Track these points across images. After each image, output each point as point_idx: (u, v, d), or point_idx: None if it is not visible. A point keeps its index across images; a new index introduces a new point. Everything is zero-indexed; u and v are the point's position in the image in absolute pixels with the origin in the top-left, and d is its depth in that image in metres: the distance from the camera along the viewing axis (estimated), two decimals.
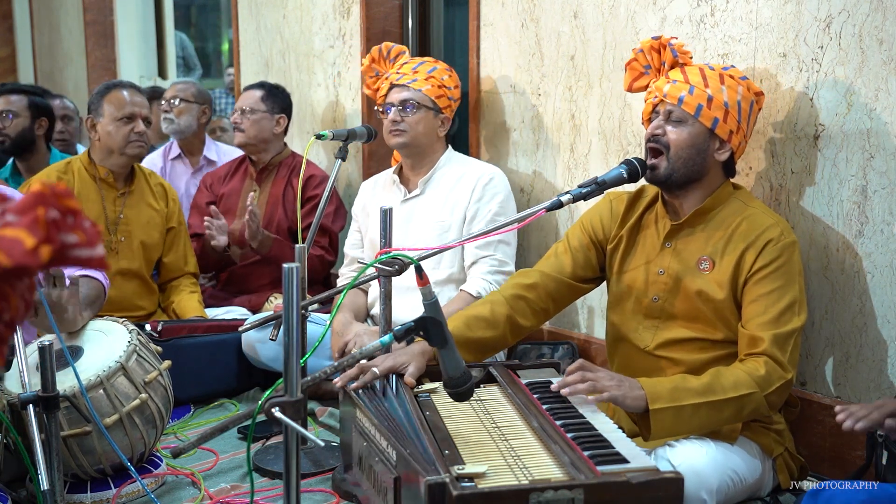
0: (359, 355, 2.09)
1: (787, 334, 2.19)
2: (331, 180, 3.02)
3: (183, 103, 4.39)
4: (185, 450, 1.80)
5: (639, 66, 2.49)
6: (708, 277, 2.30)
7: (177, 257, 3.55)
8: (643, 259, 2.42)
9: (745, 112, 2.33)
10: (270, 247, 3.59)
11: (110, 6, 7.23)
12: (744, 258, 2.26)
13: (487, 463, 1.79)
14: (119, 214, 3.38)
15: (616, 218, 2.49)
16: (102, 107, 3.31)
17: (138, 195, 3.44)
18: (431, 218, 3.12)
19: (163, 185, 3.56)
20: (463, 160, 3.23)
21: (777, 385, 2.15)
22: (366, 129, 3.33)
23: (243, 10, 4.95)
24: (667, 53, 2.42)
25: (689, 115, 2.30)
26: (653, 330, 2.39)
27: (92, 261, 0.93)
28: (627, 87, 2.54)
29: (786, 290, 2.22)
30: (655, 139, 2.33)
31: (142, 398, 2.46)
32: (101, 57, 7.22)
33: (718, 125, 2.29)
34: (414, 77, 3.13)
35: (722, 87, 2.31)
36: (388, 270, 2.34)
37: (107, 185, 3.37)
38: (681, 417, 2.09)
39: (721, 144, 2.32)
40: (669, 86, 2.34)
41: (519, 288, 2.47)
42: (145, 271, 3.45)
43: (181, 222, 3.59)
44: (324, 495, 2.50)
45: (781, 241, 2.25)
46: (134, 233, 3.40)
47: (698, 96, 2.29)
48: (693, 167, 2.32)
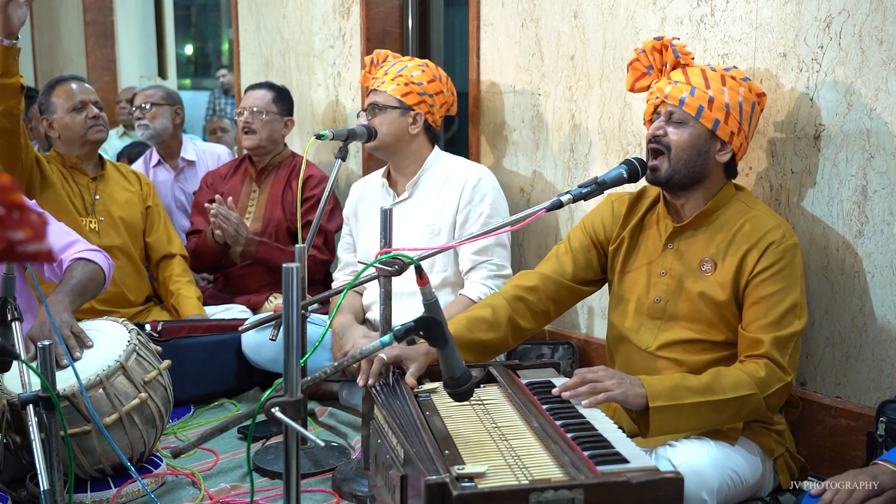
0: (358, 355, 2.09)
1: (788, 337, 2.19)
2: (331, 180, 3.02)
3: (154, 107, 4.36)
4: (185, 450, 1.80)
5: (641, 67, 2.48)
6: (710, 279, 2.30)
7: (159, 236, 3.62)
8: (645, 260, 2.42)
9: (747, 113, 2.33)
10: (257, 250, 3.60)
11: (110, 6, 7.23)
12: (746, 260, 2.26)
13: (487, 463, 1.79)
14: (94, 196, 3.48)
15: (618, 219, 2.49)
16: (52, 104, 3.46)
17: (110, 178, 3.56)
18: (421, 222, 3.10)
19: (134, 172, 3.71)
20: (450, 160, 3.19)
21: (776, 388, 2.15)
22: (366, 130, 3.33)
23: (243, 10, 4.95)
24: (668, 54, 2.41)
25: (690, 116, 2.30)
26: (654, 331, 2.39)
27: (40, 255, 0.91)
28: (629, 87, 2.53)
29: (787, 293, 2.22)
30: (657, 140, 2.33)
31: (141, 397, 2.46)
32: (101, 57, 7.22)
33: (719, 127, 2.29)
34: (383, 80, 3.13)
35: (723, 88, 2.30)
36: (387, 271, 2.34)
37: (78, 172, 3.49)
38: (680, 416, 2.09)
39: (722, 146, 2.32)
40: (671, 87, 2.33)
41: (519, 290, 2.47)
42: (132, 249, 3.52)
43: (158, 203, 3.69)
44: (324, 495, 2.50)
45: (784, 244, 2.25)
46: (112, 211, 3.49)
47: (699, 98, 2.29)
48: (694, 168, 2.31)
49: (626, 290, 2.45)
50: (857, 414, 2.46)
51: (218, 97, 9.03)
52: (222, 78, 8.94)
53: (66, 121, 3.42)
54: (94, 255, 2.79)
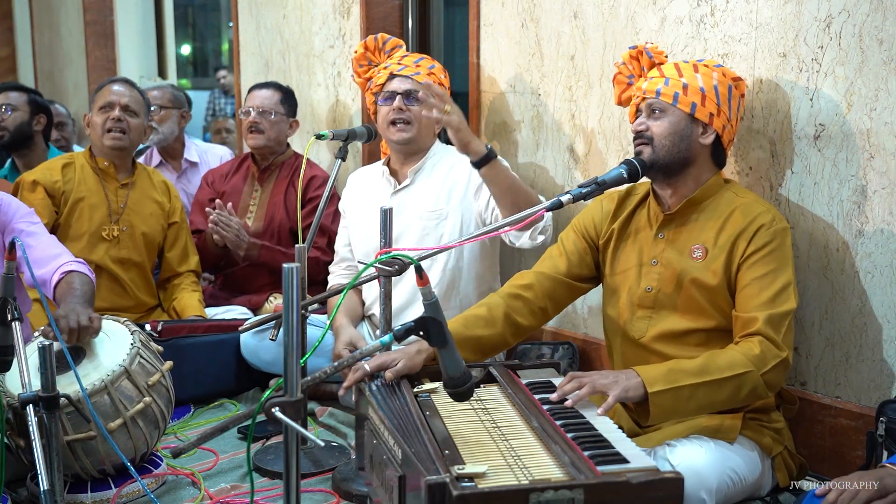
0: (358, 355, 2.10)
1: (782, 315, 2.22)
2: (331, 180, 3.02)
3: (163, 110, 4.33)
4: (185, 450, 1.80)
5: (623, 79, 2.60)
6: (701, 265, 2.33)
7: (178, 253, 3.58)
8: (636, 251, 2.45)
9: (724, 95, 2.38)
10: (259, 253, 3.60)
11: (110, 6, 7.22)
12: (737, 244, 2.29)
13: (487, 463, 1.79)
14: (122, 205, 3.44)
15: (607, 215, 2.53)
16: (94, 102, 3.45)
17: (140, 187, 3.50)
18: (424, 208, 3.10)
19: (165, 182, 3.65)
20: (452, 151, 3.16)
21: (773, 363, 2.17)
22: (366, 129, 3.32)
23: (243, 10, 4.95)
24: (644, 58, 2.53)
25: (667, 103, 2.36)
26: (646, 320, 2.40)
27: None
28: (617, 101, 2.65)
29: (779, 273, 2.25)
30: (639, 135, 2.40)
31: (146, 402, 2.46)
32: (101, 57, 7.21)
33: (697, 109, 2.35)
34: (417, 70, 3.11)
35: (696, 74, 2.38)
36: (387, 271, 2.34)
37: (108, 176, 3.44)
38: (679, 399, 2.10)
39: (704, 129, 2.37)
40: (647, 82, 2.43)
41: (516, 288, 2.49)
42: (146, 262, 3.50)
43: (183, 219, 3.64)
44: (324, 495, 2.50)
45: (774, 227, 2.29)
46: (135, 223, 3.45)
47: (674, 86, 2.37)
48: (679, 154, 2.36)
49: (618, 281, 2.48)
50: (857, 414, 2.46)
51: (218, 97, 9.04)
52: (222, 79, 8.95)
53: (95, 119, 3.41)
54: (82, 266, 2.78)
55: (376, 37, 3.31)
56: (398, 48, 3.28)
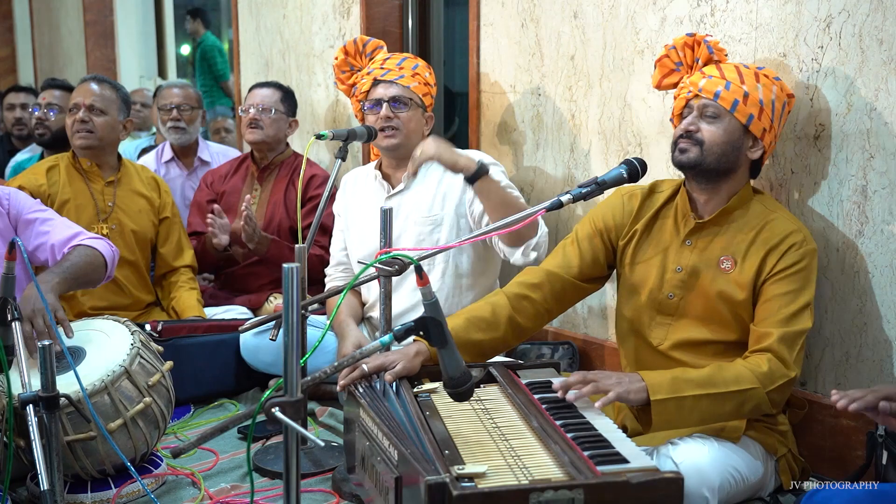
0: (358, 355, 2.10)
1: (796, 334, 2.20)
2: (331, 180, 3.01)
3: (192, 111, 4.32)
4: (185, 450, 1.80)
5: (670, 63, 2.48)
6: (729, 277, 2.30)
7: (172, 248, 3.58)
8: (659, 255, 2.41)
9: (778, 112, 2.33)
10: (268, 248, 3.59)
11: (110, 6, 7.22)
12: (766, 261, 2.26)
13: (487, 463, 1.79)
14: (109, 203, 3.43)
15: (629, 214, 2.48)
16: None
17: (127, 184, 3.50)
18: (418, 213, 3.07)
19: (154, 178, 3.63)
20: None
21: (780, 383, 2.15)
22: (366, 129, 3.31)
23: (243, 10, 4.95)
24: (701, 50, 2.41)
25: (724, 110, 2.29)
26: (665, 327, 2.38)
27: None
28: (656, 84, 2.53)
29: (801, 293, 2.23)
30: (689, 134, 2.32)
31: (146, 402, 2.46)
32: (101, 57, 7.22)
33: (753, 122, 2.29)
34: (400, 73, 3.07)
35: (757, 84, 2.30)
36: (387, 271, 2.33)
37: (92, 175, 3.44)
38: (681, 409, 2.09)
39: (754, 142, 2.32)
40: (705, 80, 2.32)
41: (524, 287, 2.45)
42: (140, 260, 3.49)
43: (175, 213, 3.63)
44: (324, 495, 2.50)
45: (804, 247, 2.26)
46: (125, 221, 3.45)
47: (734, 92, 2.29)
48: (725, 162, 2.30)
49: (638, 282, 2.43)
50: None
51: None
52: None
53: (66, 121, 3.43)
54: (95, 242, 2.78)
55: (355, 40, 3.28)
56: (379, 49, 3.25)
